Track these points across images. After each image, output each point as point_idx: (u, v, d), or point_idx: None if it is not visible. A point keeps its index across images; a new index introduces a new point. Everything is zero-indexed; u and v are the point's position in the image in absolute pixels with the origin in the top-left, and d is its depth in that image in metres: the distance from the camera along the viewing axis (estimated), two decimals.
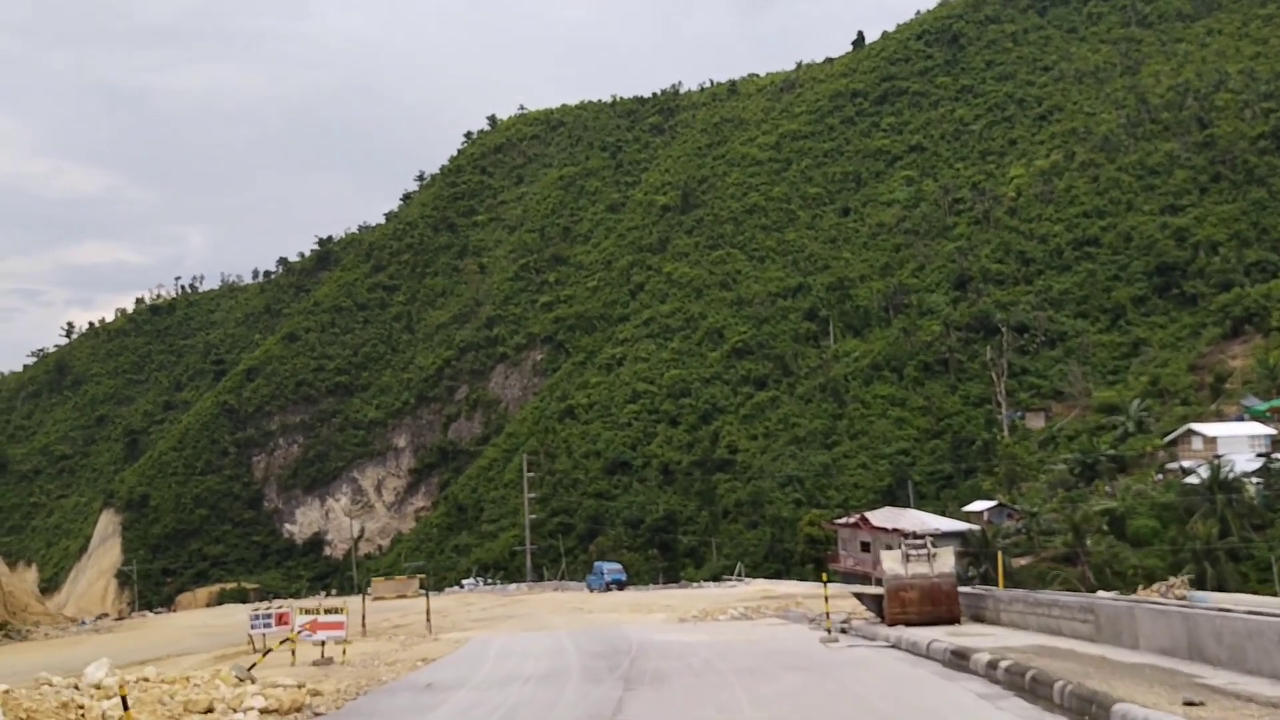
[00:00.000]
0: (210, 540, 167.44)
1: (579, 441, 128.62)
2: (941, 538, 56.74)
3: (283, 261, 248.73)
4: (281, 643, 19.24)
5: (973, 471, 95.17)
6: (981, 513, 69.77)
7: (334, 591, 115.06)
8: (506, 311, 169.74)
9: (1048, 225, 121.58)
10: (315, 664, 18.82)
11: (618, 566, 62.48)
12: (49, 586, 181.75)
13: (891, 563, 20.07)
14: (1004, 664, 14.08)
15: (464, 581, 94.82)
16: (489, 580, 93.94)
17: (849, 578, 58.61)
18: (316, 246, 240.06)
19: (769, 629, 23.22)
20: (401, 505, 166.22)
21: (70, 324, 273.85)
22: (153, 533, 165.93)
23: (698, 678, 14.76)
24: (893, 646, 18.11)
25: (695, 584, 65.65)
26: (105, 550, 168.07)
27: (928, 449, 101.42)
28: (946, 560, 20.36)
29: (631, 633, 22.05)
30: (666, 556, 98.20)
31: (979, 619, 20.73)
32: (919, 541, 21.08)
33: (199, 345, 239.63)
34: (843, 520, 63.35)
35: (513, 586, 76.32)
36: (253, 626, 20.60)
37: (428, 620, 26.77)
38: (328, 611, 20.35)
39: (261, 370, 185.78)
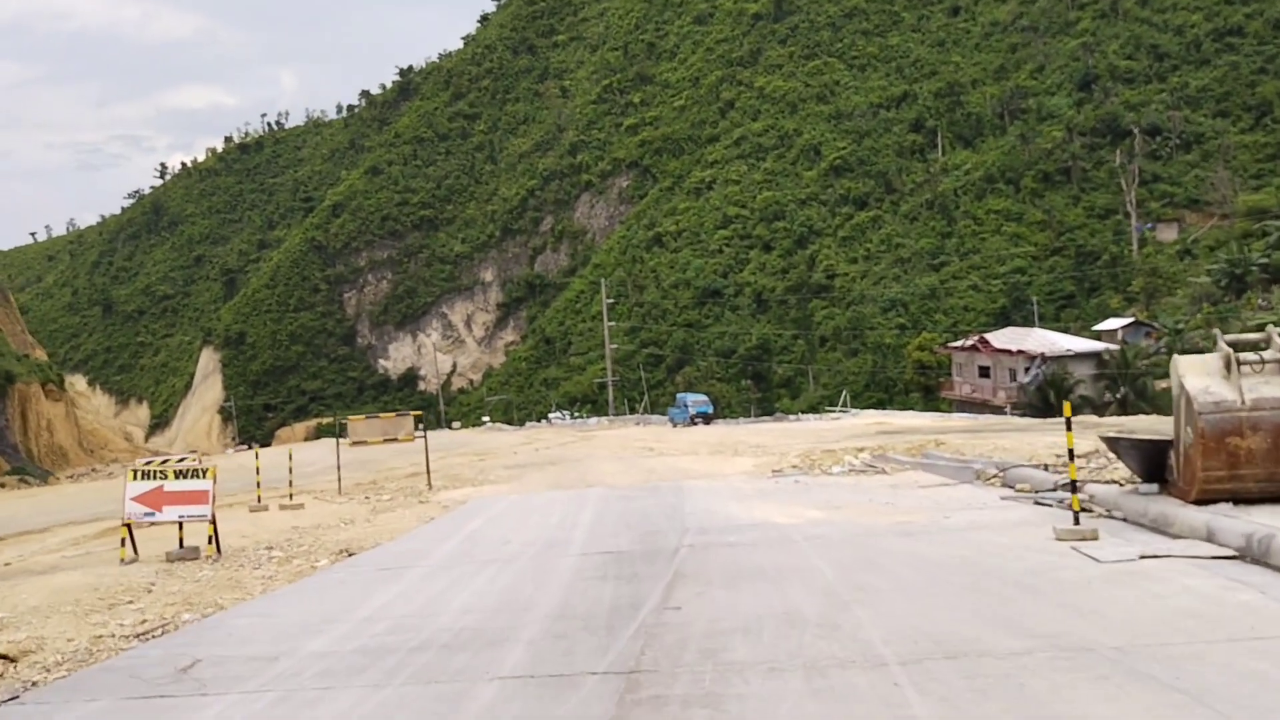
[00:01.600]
0: (307, 376, 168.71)
1: (667, 271, 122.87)
2: (1073, 360, 50.11)
3: (364, 94, 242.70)
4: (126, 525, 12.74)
5: (1097, 288, 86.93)
6: (1115, 331, 62.19)
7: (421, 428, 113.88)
8: (590, 137, 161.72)
9: (1184, 15, 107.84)
10: (171, 558, 12.28)
11: (703, 398, 56.30)
12: (159, 423, 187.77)
13: (1206, 378, 9.33)
14: None
15: (551, 415, 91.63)
16: (575, 414, 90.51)
17: (964, 406, 52.65)
18: (398, 77, 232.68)
19: (924, 497, 13.30)
20: (491, 340, 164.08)
21: (164, 165, 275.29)
22: (251, 369, 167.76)
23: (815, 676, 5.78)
24: (1240, 558, 7.92)
25: (792, 416, 56.71)
26: (207, 387, 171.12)
27: (1046, 267, 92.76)
28: None
29: (696, 501, 14.13)
30: (760, 387, 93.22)
31: None
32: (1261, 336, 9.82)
33: (288, 183, 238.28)
34: (959, 343, 56.79)
35: (592, 421, 72.26)
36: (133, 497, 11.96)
37: (427, 475, 21.39)
38: (181, 476, 13.50)
39: (347, 205, 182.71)
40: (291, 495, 20.33)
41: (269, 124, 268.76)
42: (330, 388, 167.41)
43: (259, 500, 19.65)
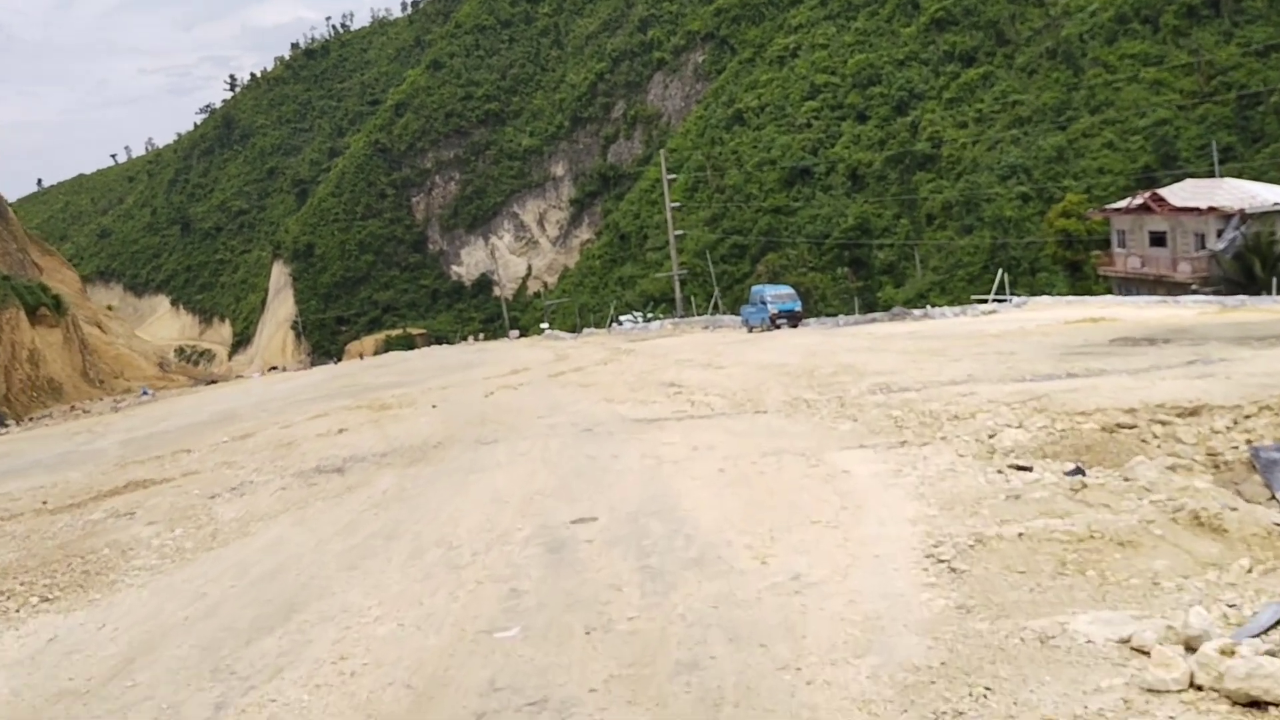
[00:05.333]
0: (379, 286, 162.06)
1: (750, 151, 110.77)
2: None
3: None
4: None
5: (1261, 137, 72.76)
6: None
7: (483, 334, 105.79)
8: (661, 10, 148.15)
9: None
10: None
11: (788, 291, 43.85)
12: (241, 340, 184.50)
13: None
14: None
15: (623, 318, 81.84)
16: (650, 316, 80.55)
17: (1129, 285, 41.08)
18: None
19: None
20: (566, 238, 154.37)
21: (233, 77, 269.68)
22: (322, 282, 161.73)
23: None
24: None
25: (918, 312, 37.33)
26: (280, 302, 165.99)
27: (1196, 117, 78.24)
28: None
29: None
30: (859, 275, 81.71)
31: None
32: None
33: (355, 87, 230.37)
34: (1121, 204, 44.68)
35: (655, 325, 62.06)
36: None
37: None
38: None
39: (410, 104, 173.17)
40: None
41: (334, 27, 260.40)
42: (404, 297, 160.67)
43: None
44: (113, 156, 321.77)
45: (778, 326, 39.84)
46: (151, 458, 16.96)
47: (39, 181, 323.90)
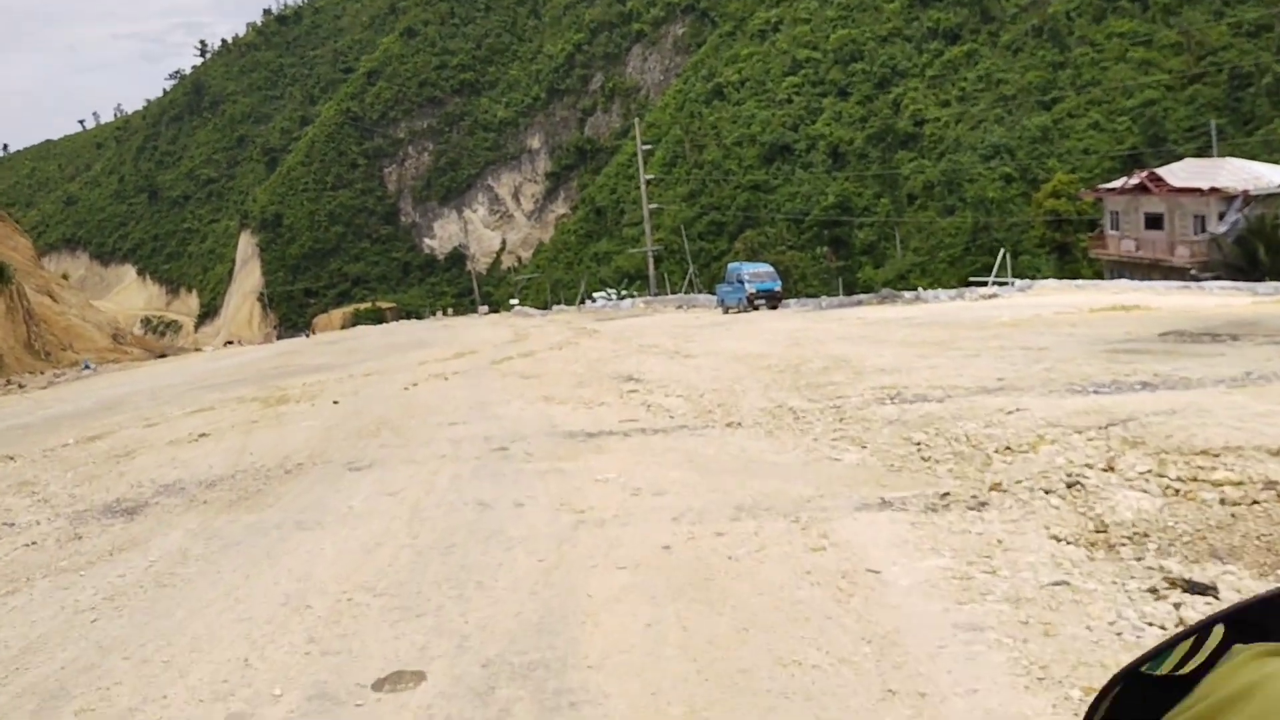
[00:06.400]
0: (349, 259, 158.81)
1: (729, 126, 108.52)
2: None
3: None
4: None
5: (1252, 119, 71.34)
6: None
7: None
8: None
9: None
10: None
11: (767, 269, 40.99)
12: (208, 312, 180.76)
13: None
14: None
15: (596, 295, 79.74)
16: (623, 293, 78.48)
17: (1122, 268, 39.37)
18: None
19: None
20: (541, 213, 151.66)
21: (203, 43, 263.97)
22: (290, 253, 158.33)
23: None
24: None
25: (909, 294, 34.43)
26: (247, 273, 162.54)
27: (1184, 98, 76.78)
28: None
29: None
30: (839, 254, 79.91)
31: None
32: None
33: (328, 54, 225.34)
34: (1116, 184, 42.85)
35: (627, 303, 59.92)
36: None
37: None
38: None
39: (383, 72, 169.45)
40: None
41: None
42: (375, 270, 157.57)
43: None
44: (81, 123, 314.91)
45: (755, 307, 37.52)
46: None
47: (4, 147, 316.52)
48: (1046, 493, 6.81)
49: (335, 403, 16.55)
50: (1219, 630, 1.07)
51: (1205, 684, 1.02)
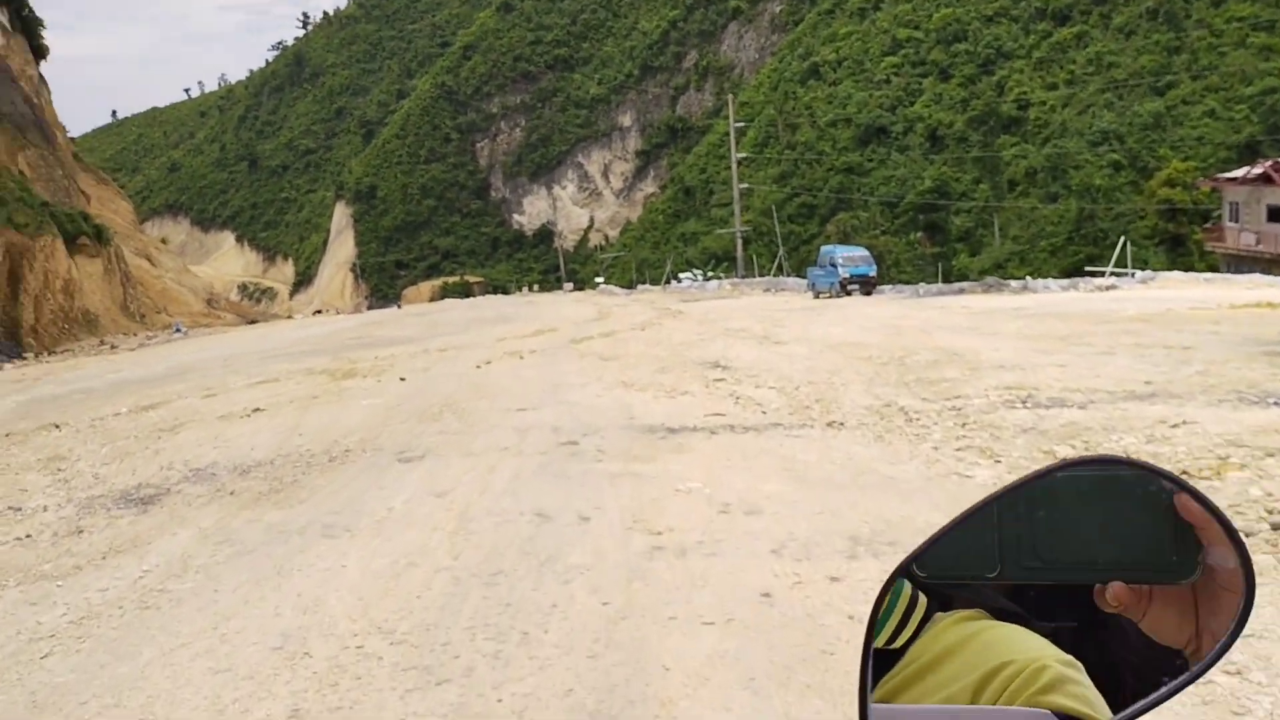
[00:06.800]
0: (440, 232, 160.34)
1: (824, 107, 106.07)
2: None
3: None
4: None
5: None
6: None
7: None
8: None
9: None
10: None
11: (862, 252, 38.97)
12: (303, 280, 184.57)
13: None
14: None
15: (682, 275, 78.73)
16: (710, 274, 77.31)
17: (1239, 263, 36.97)
18: None
19: None
20: (630, 191, 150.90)
21: (305, 15, 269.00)
22: (383, 225, 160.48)
23: None
24: None
25: (1015, 282, 32.28)
26: (341, 243, 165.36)
27: None
28: None
29: None
30: (935, 240, 77.47)
31: None
32: None
33: (425, 28, 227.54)
34: (1237, 174, 40.24)
35: (713, 284, 58.69)
36: None
37: None
38: None
39: (478, 47, 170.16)
40: None
41: None
42: (464, 244, 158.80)
43: None
44: (186, 91, 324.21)
45: (848, 293, 35.79)
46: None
47: (114, 114, 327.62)
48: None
49: (402, 379, 15.77)
50: (923, 602, 1.20)
51: (913, 649, 1.19)
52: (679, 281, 73.54)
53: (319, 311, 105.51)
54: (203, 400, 14.94)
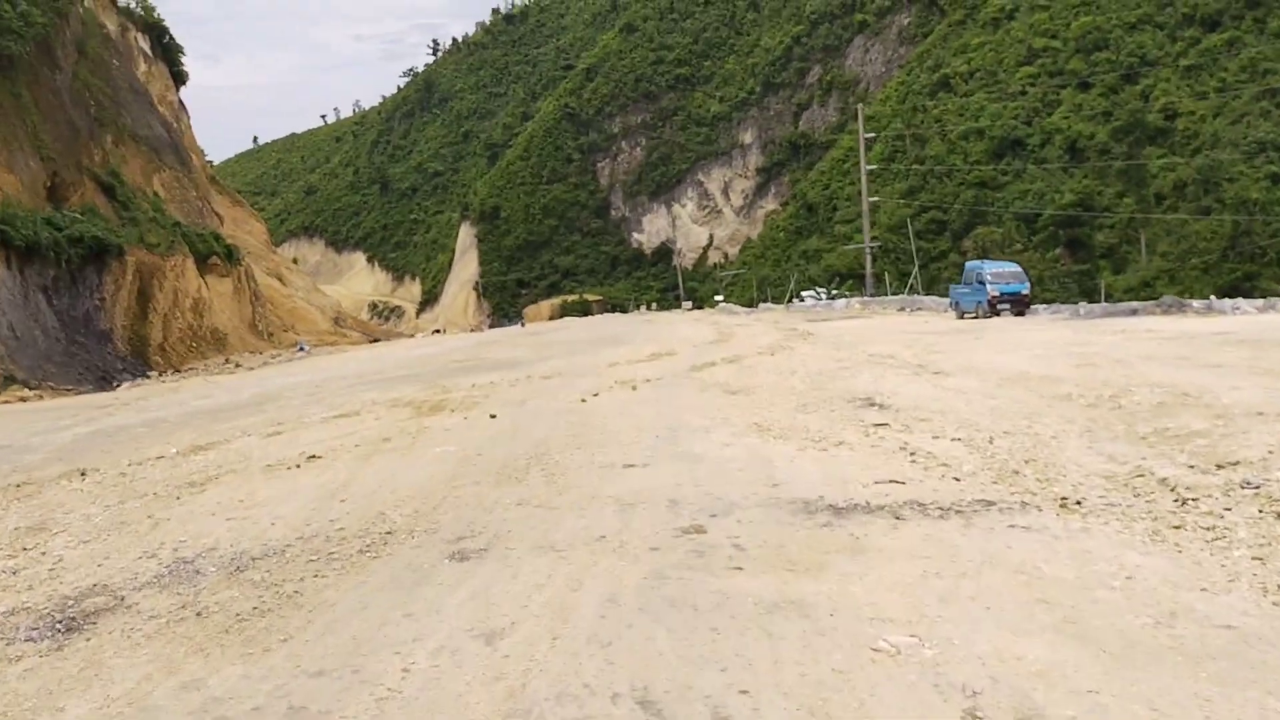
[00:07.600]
0: (560, 251, 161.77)
1: (955, 119, 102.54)
2: None
3: None
4: None
5: None
6: None
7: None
8: None
9: None
10: None
11: (1013, 269, 35.86)
12: (429, 299, 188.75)
13: None
14: None
15: (805, 294, 76.73)
16: (833, 292, 75.10)
17: None
18: None
19: None
20: (750, 209, 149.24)
21: (435, 41, 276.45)
22: (505, 244, 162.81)
23: None
24: None
25: (1196, 303, 28.42)
26: (465, 263, 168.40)
27: None
28: None
29: None
30: (1076, 257, 73.66)
31: None
32: None
33: (550, 52, 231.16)
34: None
35: (840, 303, 56.56)
36: None
37: None
38: None
39: (600, 68, 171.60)
40: None
41: None
42: (583, 263, 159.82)
43: None
44: (322, 117, 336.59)
45: (997, 313, 33.01)
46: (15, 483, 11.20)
47: (255, 139, 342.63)
48: None
49: (493, 416, 13.53)
50: None
51: None
52: (801, 300, 71.63)
53: (438, 330, 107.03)
54: (263, 440, 12.86)
